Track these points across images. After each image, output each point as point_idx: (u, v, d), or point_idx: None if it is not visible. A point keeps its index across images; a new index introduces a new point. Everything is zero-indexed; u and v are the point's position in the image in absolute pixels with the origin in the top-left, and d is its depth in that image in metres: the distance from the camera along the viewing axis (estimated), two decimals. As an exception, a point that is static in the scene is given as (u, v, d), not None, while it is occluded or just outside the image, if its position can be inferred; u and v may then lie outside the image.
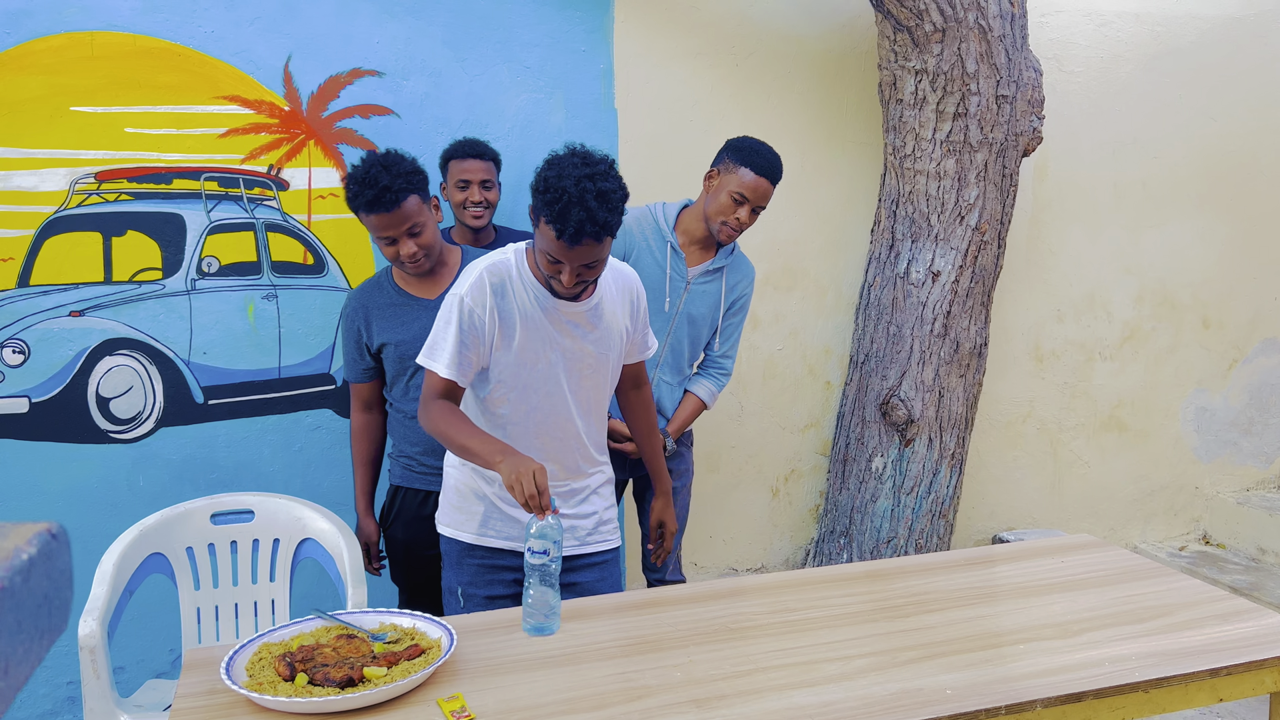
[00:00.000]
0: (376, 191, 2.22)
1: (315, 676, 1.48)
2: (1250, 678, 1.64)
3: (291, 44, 2.96)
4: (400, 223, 2.26)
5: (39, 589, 0.49)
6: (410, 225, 2.27)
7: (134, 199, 2.86)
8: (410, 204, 2.26)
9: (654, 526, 2.38)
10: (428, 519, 2.30)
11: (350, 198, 2.28)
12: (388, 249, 2.32)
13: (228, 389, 2.99)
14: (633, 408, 2.29)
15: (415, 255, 2.30)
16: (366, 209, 2.26)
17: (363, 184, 2.23)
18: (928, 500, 3.45)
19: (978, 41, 3.19)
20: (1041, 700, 1.49)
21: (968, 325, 3.42)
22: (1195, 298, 4.23)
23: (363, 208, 2.26)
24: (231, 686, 1.45)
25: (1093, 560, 2.10)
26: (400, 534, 2.51)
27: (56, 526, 0.53)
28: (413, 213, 2.27)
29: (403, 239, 2.28)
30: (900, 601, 1.87)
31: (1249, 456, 4.42)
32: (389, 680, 1.47)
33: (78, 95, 2.78)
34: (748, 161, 2.54)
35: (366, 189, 2.23)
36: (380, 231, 2.29)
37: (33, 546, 0.49)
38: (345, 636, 1.62)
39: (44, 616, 0.50)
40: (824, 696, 1.48)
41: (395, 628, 1.67)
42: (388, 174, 2.22)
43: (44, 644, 0.51)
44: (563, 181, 1.76)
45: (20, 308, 2.79)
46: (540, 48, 3.21)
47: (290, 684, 1.47)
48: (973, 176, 3.33)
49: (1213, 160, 4.15)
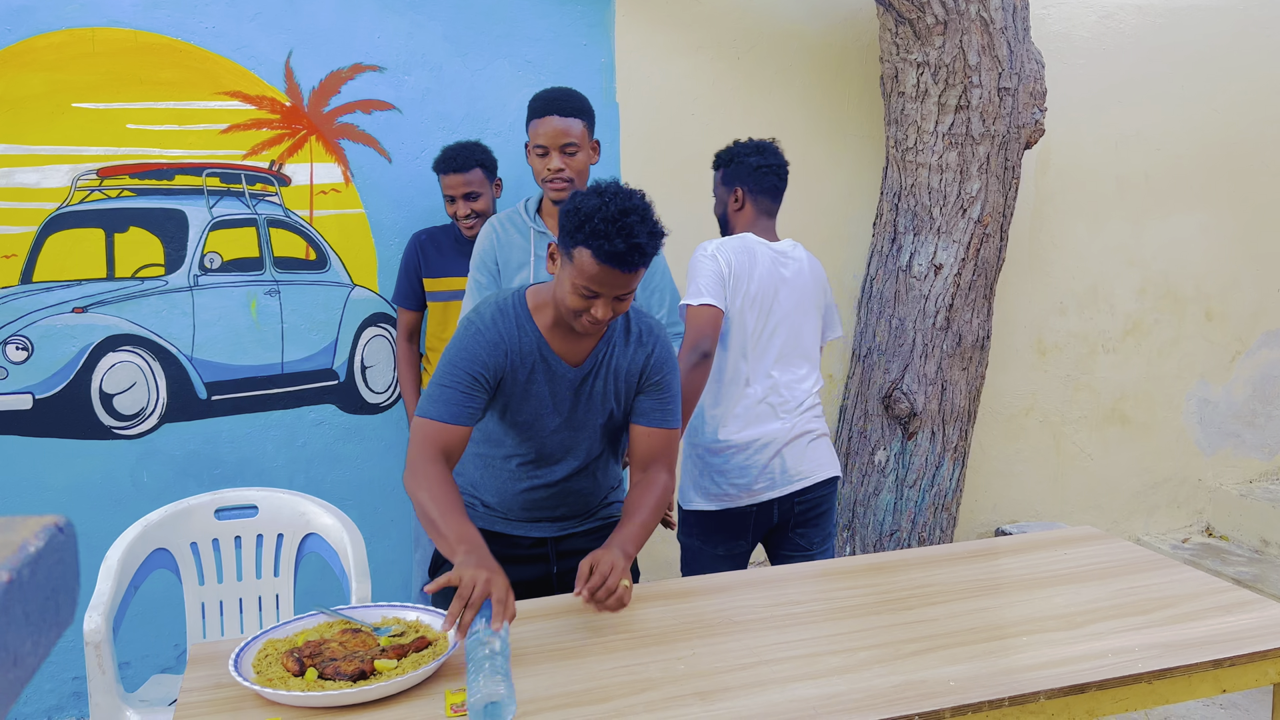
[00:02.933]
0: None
1: (325, 671, 1.48)
2: (1254, 669, 1.64)
3: (293, 39, 2.95)
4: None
5: (47, 582, 0.50)
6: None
7: (136, 195, 2.86)
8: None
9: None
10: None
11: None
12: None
13: (231, 385, 3.00)
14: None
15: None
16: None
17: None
18: (930, 493, 3.46)
19: (979, 34, 3.19)
20: (1045, 692, 1.49)
21: (970, 318, 3.42)
22: (1198, 290, 4.22)
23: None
24: (241, 681, 1.45)
25: (1096, 552, 2.10)
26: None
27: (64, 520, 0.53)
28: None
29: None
30: (903, 594, 1.87)
31: (1252, 449, 4.42)
32: (400, 673, 1.48)
33: (79, 92, 2.78)
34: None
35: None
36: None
37: (40, 540, 0.49)
38: (350, 631, 1.62)
39: (52, 609, 0.50)
40: (827, 689, 1.48)
41: (399, 621, 1.68)
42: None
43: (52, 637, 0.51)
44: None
45: (23, 304, 2.79)
46: (541, 42, 3.21)
47: (300, 679, 1.47)
48: (975, 169, 3.33)
49: (1215, 152, 4.14)
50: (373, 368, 3.15)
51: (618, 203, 1.72)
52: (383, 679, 1.46)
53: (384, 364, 3.16)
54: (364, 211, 3.08)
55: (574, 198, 1.78)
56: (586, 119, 2.37)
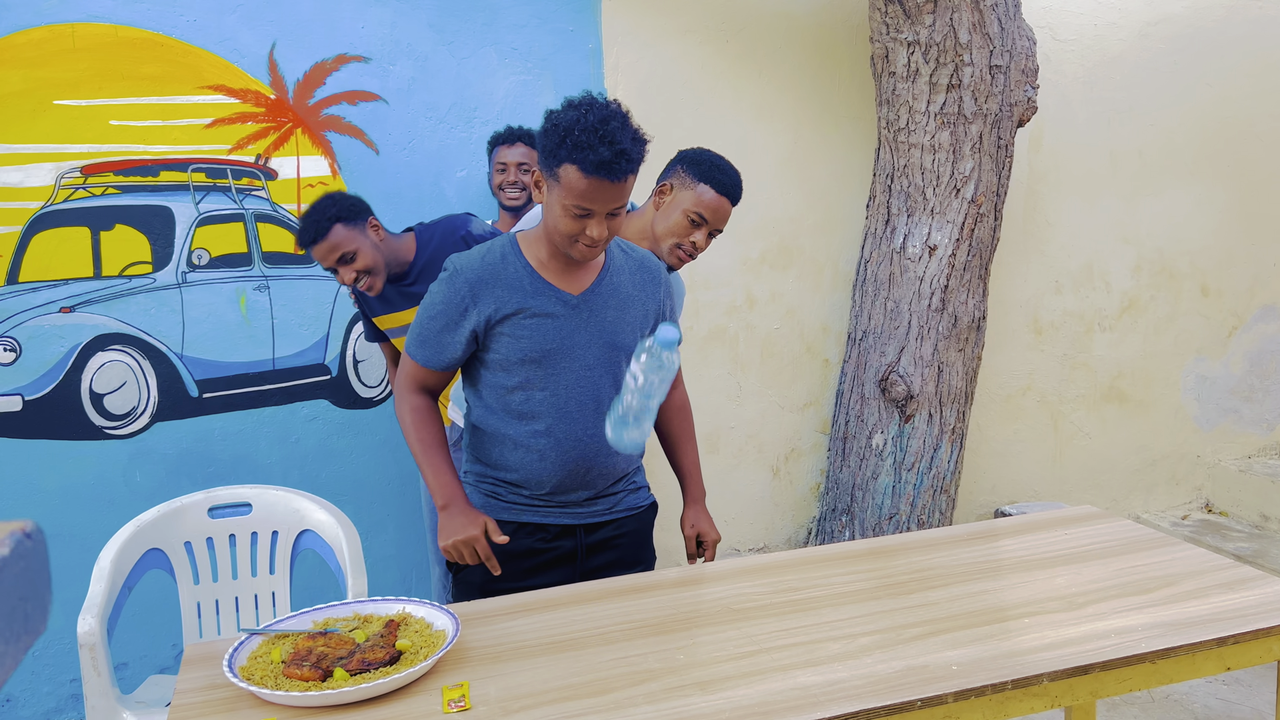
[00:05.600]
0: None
1: (349, 666, 1.46)
2: (1258, 645, 1.63)
3: (275, 31, 2.92)
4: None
5: (13, 590, 0.48)
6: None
7: (121, 192, 2.83)
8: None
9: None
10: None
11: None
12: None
13: (222, 382, 2.98)
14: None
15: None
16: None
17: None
18: (929, 476, 3.44)
19: (970, 11, 3.16)
20: (1048, 674, 1.48)
21: (965, 299, 3.40)
22: (1194, 266, 4.20)
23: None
24: (236, 682, 1.43)
25: (1096, 532, 2.09)
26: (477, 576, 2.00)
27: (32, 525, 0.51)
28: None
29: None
30: (904, 578, 1.86)
31: (1250, 424, 4.42)
32: (397, 670, 1.46)
33: (60, 89, 2.74)
34: (708, 178, 2.09)
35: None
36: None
37: (5, 547, 0.48)
38: (318, 634, 1.57)
39: (20, 619, 0.48)
40: (829, 676, 1.47)
41: (358, 617, 1.64)
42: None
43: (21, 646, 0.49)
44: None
45: (10, 305, 2.76)
46: (527, 28, 3.18)
47: (325, 681, 1.43)
48: (967, 148, 3.30)
49: (1209, 127, 4.12)
50: (365, 362, 3.13)
51: (596, 112, 1.68)
52: (375, 677, 1.44)
53: (376, 358, 3.13)
54: (352, 204, 3.05)
55: (549, 116, 1.73)
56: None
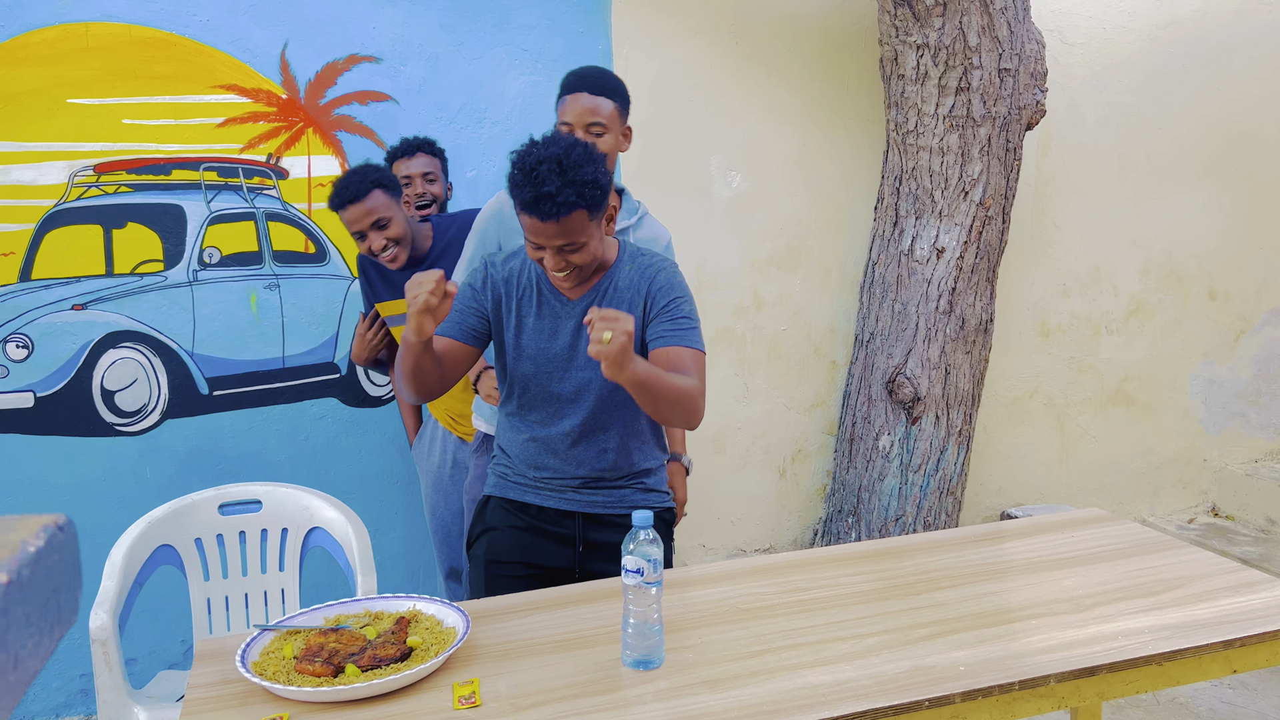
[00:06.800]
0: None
1: (361, 661, 1.47)
2: (1264, 648, 1.63)
3: (287, 31, 2.94)
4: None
5: (48, 582, 0.49)
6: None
7: (133, 191, 2.85)
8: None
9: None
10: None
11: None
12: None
13: (232, 379, 2.99)
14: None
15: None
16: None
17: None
18: (935, 478, 3.45)
19: (979, 14, 3.16)
20: (1055, 675, 1.48)
21: (973, 301, 3.41)
22: (1201, 269, 4.20)
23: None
24: (248, 676, 1.45)
25: (1102, 534, 2.10)
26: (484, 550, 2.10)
27: (64, 519, 0.52)
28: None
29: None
30: (910, 579, 1.86)
31: (1257, 428, 4.41)
32: (409, 666, 1.47)
33: (74, 87, 2.76)
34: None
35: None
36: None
37: (40, 539, 0.49)
38: (327, 632, 1.58)
39: (53, 610, 0.50)
40: (837, 675, 1.48)
41: (369, 614, 1.66)
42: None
43: (54, 637, 0.50)
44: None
45: (22, 302, 2.78)
46: (538, 30, 3.19)
47: (337, 677, 1.45)
48: (976, 151, 3.31)
49: (1217, 130, 4.11)
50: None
51: (538, 152, 1.75)
52: (387, 673, 1.45)
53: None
54: (363, 203, 3.06)
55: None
56: (619, 100, 2.25)
